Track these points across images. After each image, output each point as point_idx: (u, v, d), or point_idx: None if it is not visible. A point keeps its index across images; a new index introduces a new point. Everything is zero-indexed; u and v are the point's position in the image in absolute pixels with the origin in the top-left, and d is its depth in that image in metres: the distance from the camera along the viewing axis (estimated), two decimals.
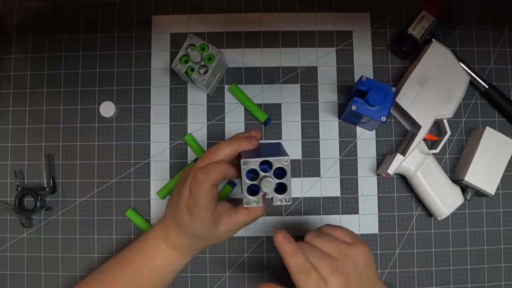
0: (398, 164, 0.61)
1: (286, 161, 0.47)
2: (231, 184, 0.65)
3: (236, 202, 0.66)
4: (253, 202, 0.48)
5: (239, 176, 0.50)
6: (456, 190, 0.62)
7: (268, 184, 0.46)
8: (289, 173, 0.47)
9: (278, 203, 0.48)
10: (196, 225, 0.51)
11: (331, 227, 0.51)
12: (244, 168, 0.47)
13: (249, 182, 0.47)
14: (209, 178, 0.48)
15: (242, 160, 0.47)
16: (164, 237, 0.54)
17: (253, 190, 0.48)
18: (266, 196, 0.48)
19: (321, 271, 0.45)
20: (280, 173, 0.48)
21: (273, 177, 0.47)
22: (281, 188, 0.48)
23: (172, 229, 0.54)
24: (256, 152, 0.51)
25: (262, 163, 0.47)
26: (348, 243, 0.49)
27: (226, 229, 0.52)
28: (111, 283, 0.54)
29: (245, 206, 0.48)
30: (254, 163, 0.47)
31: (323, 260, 0.46)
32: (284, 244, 0.45)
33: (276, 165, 0.47)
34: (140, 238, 0.56)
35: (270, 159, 0.47)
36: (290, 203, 0.48)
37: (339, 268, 0.46)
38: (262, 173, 0.47)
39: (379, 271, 0.65)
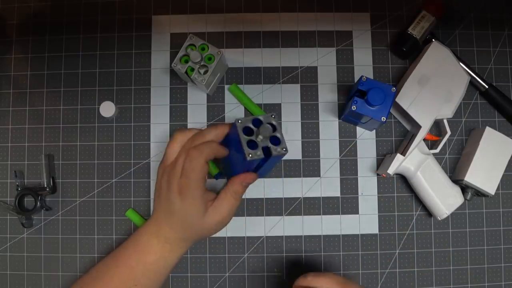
0: (398, 164, 0.61)
1: (274, 116, 0.52)
2: None
3: None
4: (255, 155, 0.51)
5: (226, 154, 0.54)
6: (456, 190, 0.62)
7: (267, 128, 0.51)
8: (278, 126, 0.52)
9: (276, 153, 0.51)
10: (187, 206, 0.52)
11: (315, 277, 0.52)
12: (240, 126, 0.51)
13: (247, 138, 0.51)
14: (203, 154, 0.51)
15: (236, 119, 0.52)
16: (156, 232, 0.54)
17: (251, 146, 0.51)
18: (263, 145, 0.51)
19: None
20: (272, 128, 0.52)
21: (269, 126, 0.51)
22: (275, 141, 0.52)
23: (164, 221, 0.54)
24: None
25: (255, 122, 0.52)
26: None
27: (213, 215, 0.53)
28: (107, 282, 0.54)
29: (248, 159, 0.51)
30: (247, 120, 0.52)
31: None
32: None
33: (266, 121, 0.52)
34: (133, 236, 0.56)
35: (259, 116, 0.52)
36: (287, 152, 0.51)
37: None
38: (255, 128, 0.52)
39: (379, 271, 0.65)
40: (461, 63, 0.65)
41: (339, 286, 0.51)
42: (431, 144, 0.66)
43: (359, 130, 0.67)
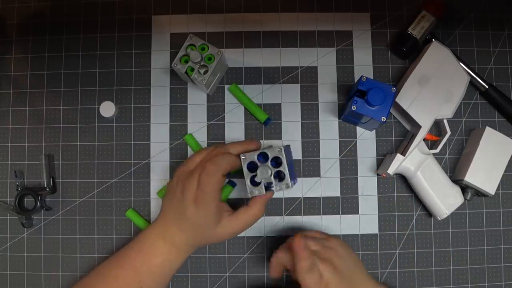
0: (398, 164, 0.61)
1: (280, 149, 0.53)
2: (232, 184, 0.65)
3: (236, 202, 0.66)
4: (257, 191, 0.53)
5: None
6: (456, 190, 0.62)
7: (264, 171, 0.52)
8: (284, 160, 0.53)
9: (278, 189, 0.53)
10: (201, 215, 0.53)
11: (305, 231, 0.58)
12: (244, 161, 0.53)
13: (250, 174, 0.53)
14: (220, 169, 0.53)
15: (241, 155, 0.53)
16: (162, 235, 0.54)
17: (256, 181, 0.53)
18: (264, 182, 0.53)
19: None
20: (278, 162, 0.53)
21: (270, 166, 0.52)
22: (280, 176, 0.53)
23: (173, 225, 0.54)
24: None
25: (260, 156, 0.53)
26: (323, 238, 0.56)
27: (227, 227, 0.55)
28: (111, 282, 0.54)
29: (250, 195, 0.53)
30: (252, 156, 0.53)
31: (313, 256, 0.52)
32: (302, 252, 0.51)
33: (271, 155, 0.53)
34: (138, 237, 0.56)
35: (265, 150, 0.53)
36: (290, 188, 0.53)
37: (325, 258, 0.52)
38: (260, 164, 0.53)
39: (379, 271, 0.65)
40: (461, 63, 0.65)
41: (323, 235, 0.57)
42: (431, 144, 0.66)
43: (359, 130, 0.67)
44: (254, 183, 0.53)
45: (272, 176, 0.53)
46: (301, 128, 0.67)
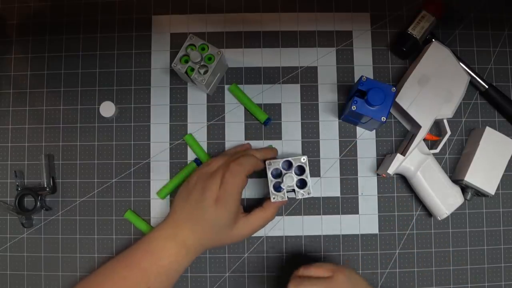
0: (398, 164, 0.61)
1: (304, 159, 0.56)
2: None
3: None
4: (279, 197, 0.56)
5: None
6: (456, 190, 0.62)
7: (290, 178, 0.55)
8: (307, 170, 0.56)
9: (300, 196, 0.56)
10: (221, 215, 0.54)
11: (306, 269, 0.54)
12: (269, 168, 0.56)
13: (274, 180, 0.56)
14: (245, 169, 0.54)
15: (266, 161, 0.56)
16: (173, 236, 0.54)
17: (278, 187, 0.56)
18: (287, 189, 0.56)
19: None
20: (300, 170, 0.57)
21: (293, 174, 0.56)
22: (302, 184, 0.56)
23: (185, 225, 0.54)
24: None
25: (284, 164, 0.56)
26: (329, 277, 0.52)
27: (243, 228, 0.56)
28: (117, 282, 0.53)
29: (272, 201, 0.56)
30: (277, 163, 0.56)
31: None
32: None
33: (296, 163, 0.56)
34: (145, 238, 0.55)
35: (290, 159, 0.56)
36: (311, 195, 0.56)
37: None
38: (284, 171, 0.56)
39: (379, 271, 0.65)
40: (461, 63, 0.65)
41: (329, 272, 0.53)
42: (431, 144, 0.66)
43: (359, 130, 0.67)
44: (277, 189, 0.56)
45: (295, 184, 0.56)
46: (301, 128, 0.67)
